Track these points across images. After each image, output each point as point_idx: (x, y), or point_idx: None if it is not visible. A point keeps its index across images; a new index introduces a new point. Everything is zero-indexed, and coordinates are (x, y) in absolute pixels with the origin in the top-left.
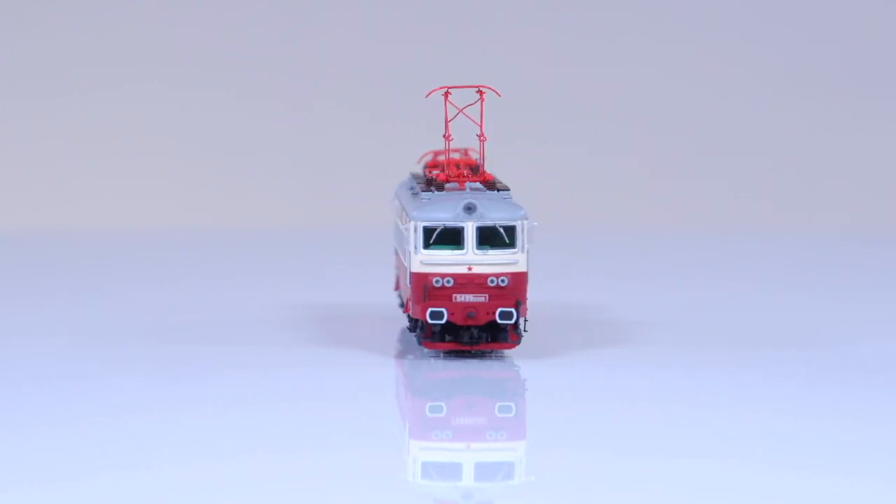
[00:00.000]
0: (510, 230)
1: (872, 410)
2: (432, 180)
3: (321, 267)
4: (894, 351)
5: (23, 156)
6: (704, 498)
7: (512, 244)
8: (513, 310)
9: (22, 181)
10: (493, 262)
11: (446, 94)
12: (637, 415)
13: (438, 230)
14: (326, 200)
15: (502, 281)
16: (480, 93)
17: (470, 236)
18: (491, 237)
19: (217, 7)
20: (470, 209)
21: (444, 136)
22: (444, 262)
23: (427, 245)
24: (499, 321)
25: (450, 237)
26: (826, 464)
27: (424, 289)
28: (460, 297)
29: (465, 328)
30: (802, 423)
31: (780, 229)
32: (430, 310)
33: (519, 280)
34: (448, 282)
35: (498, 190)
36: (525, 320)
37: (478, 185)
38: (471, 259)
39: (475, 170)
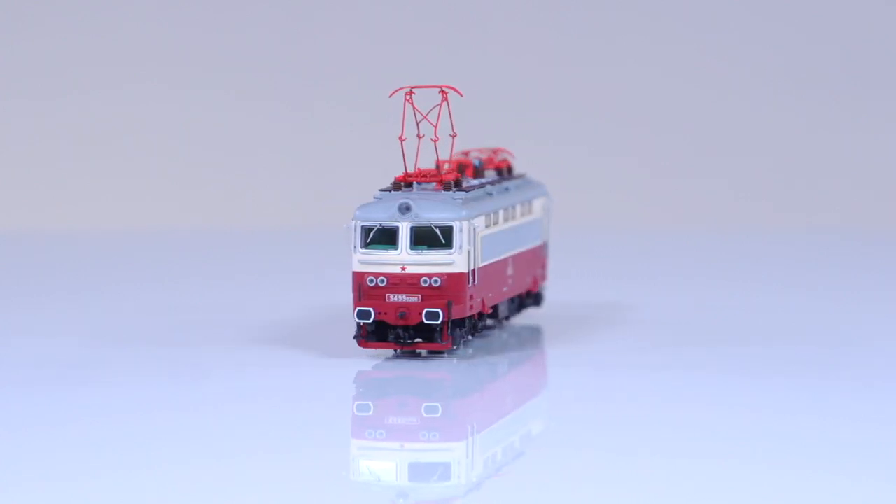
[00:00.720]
0: (446, 231)
1: (873, 410)
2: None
3: (321, 267)
4: (894, 351)
5: (23, 156)
6: (702, 498)
7: (448, 245)
8: (439, 310)
9: (22, 181)
10: (427, 263)
11: (409, 95)
12: (628, 414)
13: (375, 229)
14: (326, 200)
15: (435, 281)
16: (443, 93)
17: (404, 236)
18: (429, 237)
19: (217, 7)
20: (404, 209)
21: (399, 137)
22: (378, 261)
23: (366, 244)
24: (425, 321)
25: (389, 237)
26: (825, 464)
27: (359, 288)
28: (393, 297)
29: (393, 328)
30: (802, 423)
31: (780, 229)
32: (357, 309)
33: (454, 281)
34: (381, 281)
35: (455, 190)
36: (479, 321)
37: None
38: (404, 259)
39: (506, 171)
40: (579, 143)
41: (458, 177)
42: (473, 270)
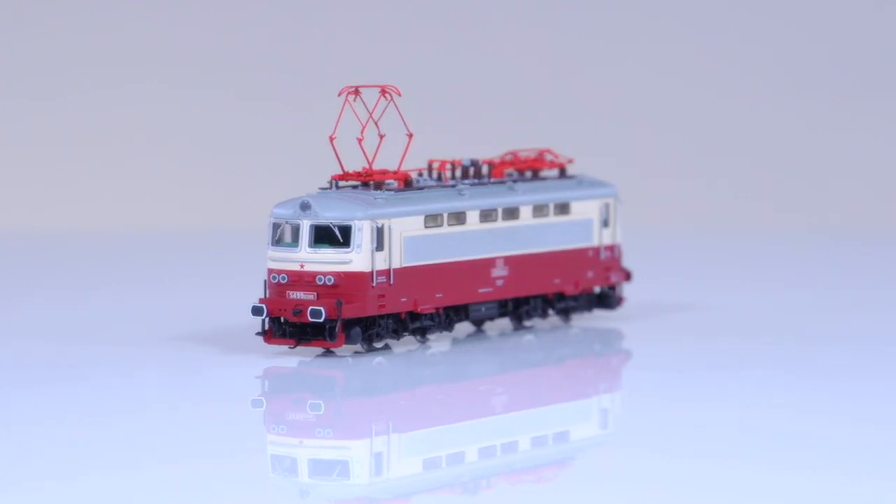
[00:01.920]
0: (344, 230)
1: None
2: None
3: None
4: None
5: (23, 156)
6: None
7: (346, 244)
8: (321, 308)
9: (22, 181)
10: (324, 261)
11: (353, 94)
12: (608, 418)
13: (282, 227)
14: None
15: (329, 280)
16: (384, 92)
17: (304, 234)
18: (331, 236)
19: (217, 7)
20: (304, 207)
21: (329, 136)
22: (282, 258)
23: (278, 241)
24: (309, 319)
25: (297, 235)
26: (826, 463)
27: (265, 284)
28: (293, 294)
29: (284, 324)
30: (802, 422)
31: (779, 229)
32: (252, 305)
33: (349, 280)
34: (283, 278)
35: (385, 189)
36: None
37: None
38: (303, 257)
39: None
40: (580, 143)
41: (407, 176)
42: (388, 270)
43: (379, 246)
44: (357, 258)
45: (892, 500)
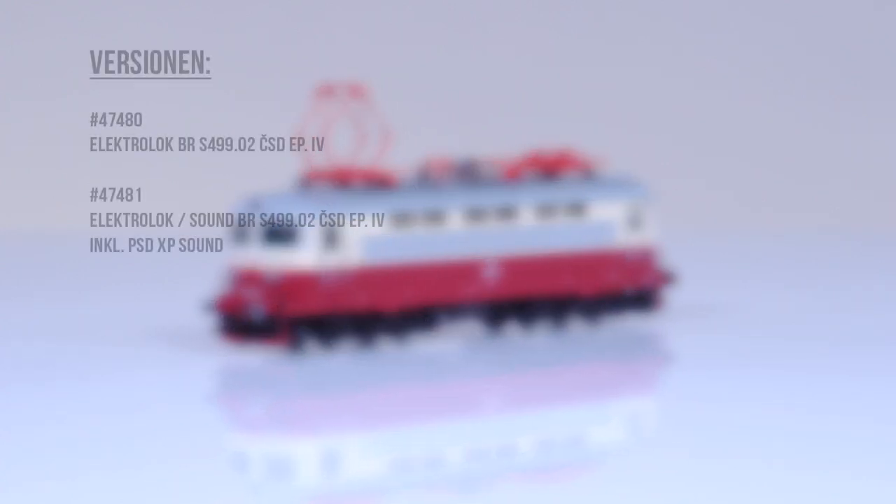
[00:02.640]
0: (291, 228)
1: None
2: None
3: None
4: None
5: (22, 156)
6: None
7: (293, 242)
8: (262, 307)
9: (21, 181)
10: (272, 260)
11: (327, 93)
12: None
13: (239, 225)
14: None
15: (273, 278)
16: (353, 92)
17: (255, 232)
18: (283, 234)
19: (217, 7)
20: (255, 206)
21: (297, 136)
22: (238, 257)
23: (236, 239)
24: (251, 317)
25: (250, 233)
26: (826, 463)
27: (223, 282)
28: (244, 292)
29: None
30: (803, 420)
31: (779, 229)
32: (203, 303)
33: (296, 278)
34: (237, 276)
35: (354, 188)
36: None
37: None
38: (253, 255)
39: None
40: (581, 144)
41: (383, 174)
42: (343, 269)
43: (331, 244)
44: (303, 256)
45: None
